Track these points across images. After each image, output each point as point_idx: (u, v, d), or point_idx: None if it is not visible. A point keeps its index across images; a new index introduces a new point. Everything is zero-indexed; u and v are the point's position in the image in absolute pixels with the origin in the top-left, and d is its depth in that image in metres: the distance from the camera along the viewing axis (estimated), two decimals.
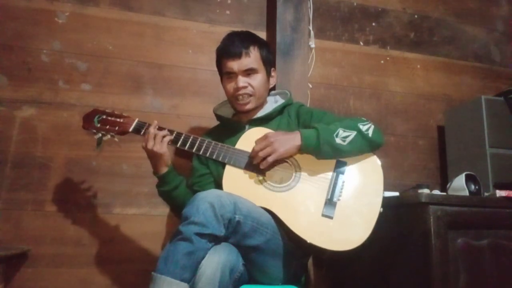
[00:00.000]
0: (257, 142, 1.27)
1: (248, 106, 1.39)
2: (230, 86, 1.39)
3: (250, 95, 1.38)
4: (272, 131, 1.30)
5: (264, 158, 1.23)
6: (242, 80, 1.36)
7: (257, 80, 1.38)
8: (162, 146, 1.29)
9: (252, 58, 1.36)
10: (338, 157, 1.28)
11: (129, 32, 1.81)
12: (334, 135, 1.24)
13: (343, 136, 1.24)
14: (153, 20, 1.84)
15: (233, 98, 1.40)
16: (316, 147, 1.23)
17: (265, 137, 1.26)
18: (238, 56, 1.34)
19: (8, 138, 1.61)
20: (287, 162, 1.30)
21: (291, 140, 1.25)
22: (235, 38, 1.38)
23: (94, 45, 1.76)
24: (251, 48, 1.36)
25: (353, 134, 1.25)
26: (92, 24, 1.77)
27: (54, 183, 1.62)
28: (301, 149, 1.25)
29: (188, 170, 1.50)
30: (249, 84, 1.37)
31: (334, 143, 1.23)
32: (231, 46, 1.36)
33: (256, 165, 1.27)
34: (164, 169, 1.33)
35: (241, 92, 1.36)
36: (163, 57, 1.83)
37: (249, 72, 1.36)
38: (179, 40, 1.86)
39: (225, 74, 1.40)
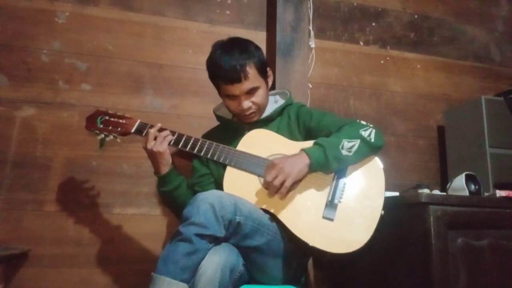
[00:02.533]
0: (266, 172, 1.21)
1: (255, 119, 1.39)
2: (234, 106, 1.36)
3: (256, 111, 1.37)
4: (277, 158, 1.25)
5: (280, 186, 1.17)
6: (246, 103, 1.33)
7: (259, 95, 1.35)
8: (162, 145, 1.29)
9: (251, 78, 1.30)
10: (345, 166, 1.27)
11: (129, 32, 1.81)
12: (340, 147, 1.22)
13: (348, 147, 1.23)
14: (153, 20, 1.84)
15: (238, 114, 1.39)
16: (325, 164, 1.21)
17: (273, 165, 1.20)
18: (237, 81, 1.29)
19: (8, 138, 1.61)
20: None
21: (298, 160, 1.20)
22: (229, 58, 1.29)
23: (94, 45, 1.76)
24: (248, 68, 1.29)
25: (357, 143, 1.24)
26: (92, 24, 1.77)
27: (54, 183, 1.62)
28: (310, 168, 1.21)
29: (189, 171, 1.50)
30: (253, 102, 1.35)
31: (341, 156, 1.21)
32: (227, 70, 1.28)
33: (258, 167, 1.26)
34: (165, 169, 1.33)
35: (246, 113, 1.36)
36: (163, 57, 1.82)
37: (251, 92, 1.33)
38: (179, 40, 1.86)
39: (226, 96, 1.36)
